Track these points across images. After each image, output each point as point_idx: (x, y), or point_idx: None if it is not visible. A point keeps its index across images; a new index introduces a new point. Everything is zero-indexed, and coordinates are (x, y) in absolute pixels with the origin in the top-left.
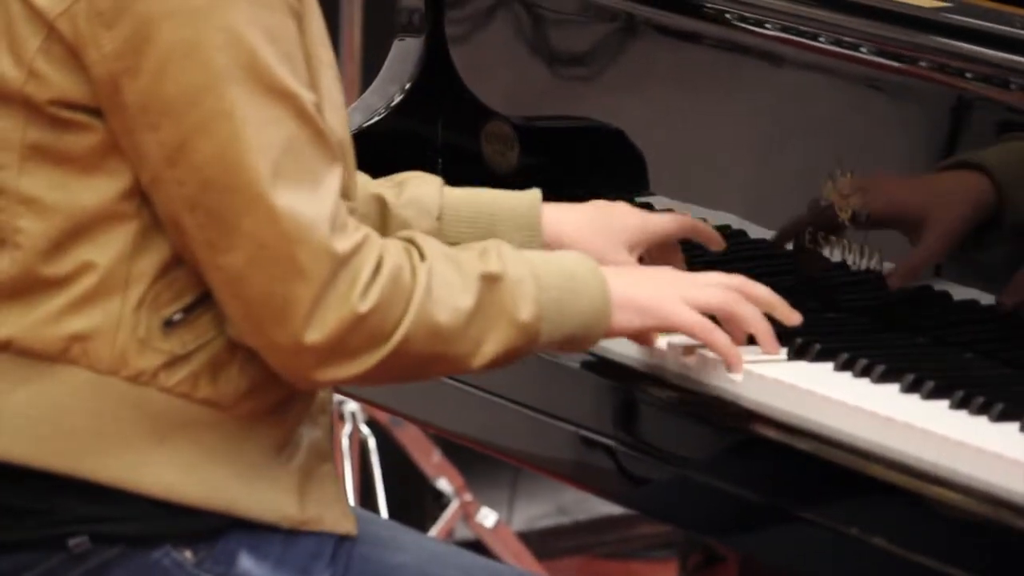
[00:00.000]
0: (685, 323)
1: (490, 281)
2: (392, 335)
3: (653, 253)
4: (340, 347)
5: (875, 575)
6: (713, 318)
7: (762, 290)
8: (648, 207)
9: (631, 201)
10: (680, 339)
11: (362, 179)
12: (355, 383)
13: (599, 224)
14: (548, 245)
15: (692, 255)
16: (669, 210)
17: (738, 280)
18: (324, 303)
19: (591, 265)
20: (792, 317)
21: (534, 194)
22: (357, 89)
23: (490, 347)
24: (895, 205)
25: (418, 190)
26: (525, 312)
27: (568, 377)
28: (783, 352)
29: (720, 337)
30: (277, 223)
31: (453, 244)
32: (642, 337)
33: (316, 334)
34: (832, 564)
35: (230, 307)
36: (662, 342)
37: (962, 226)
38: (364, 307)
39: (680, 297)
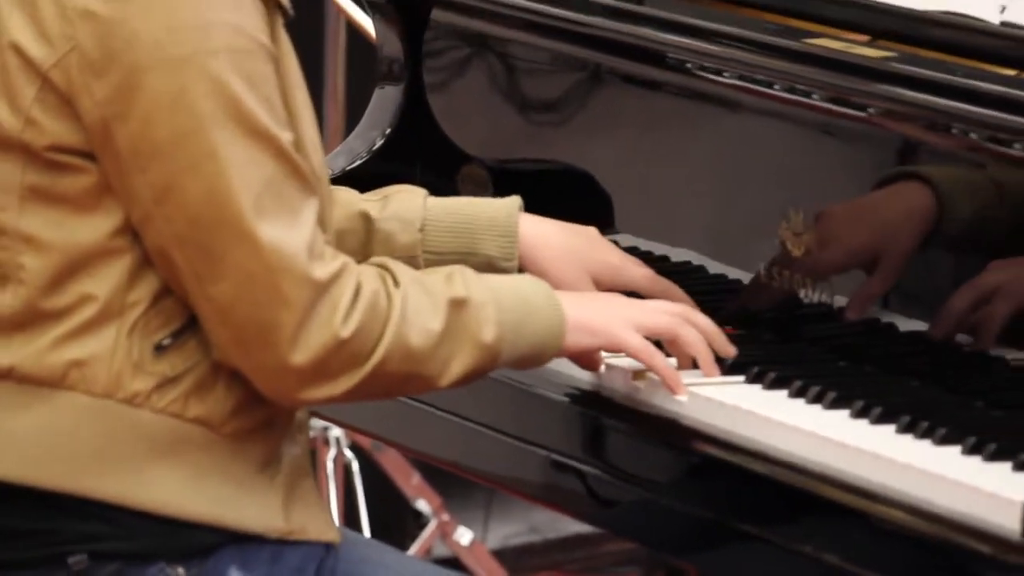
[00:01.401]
0: (631, 346)
1: (457, 305)
2: (370, 357)
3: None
4: (322, 369)
5: None
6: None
7: (703, 319)
8: (613, 245)
9: None
10: (628, 362)
11: (350, 195)
12: (335, 402)
13: (576, 253)
14: (522, 257)
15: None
16: (633, 247)
17: (681, 308)
18: (307, 328)
19: (547, 290)
20: (728, 350)
21: (513, 202)
22: (341, 134)
23: (457, 367)
24: (844, 240)
25: (401, 204)
26: (488, 334)
27: (538, 404)
28: (740, 378)
29: (660, 360)
30: (261, 255)
31: (436, 253)
32: (588, 360)
33: (300, 357)
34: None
35: (218, 333)
36: (622, 361)
37: (909, 244)
38: (346, 332)
39: (628, 322)
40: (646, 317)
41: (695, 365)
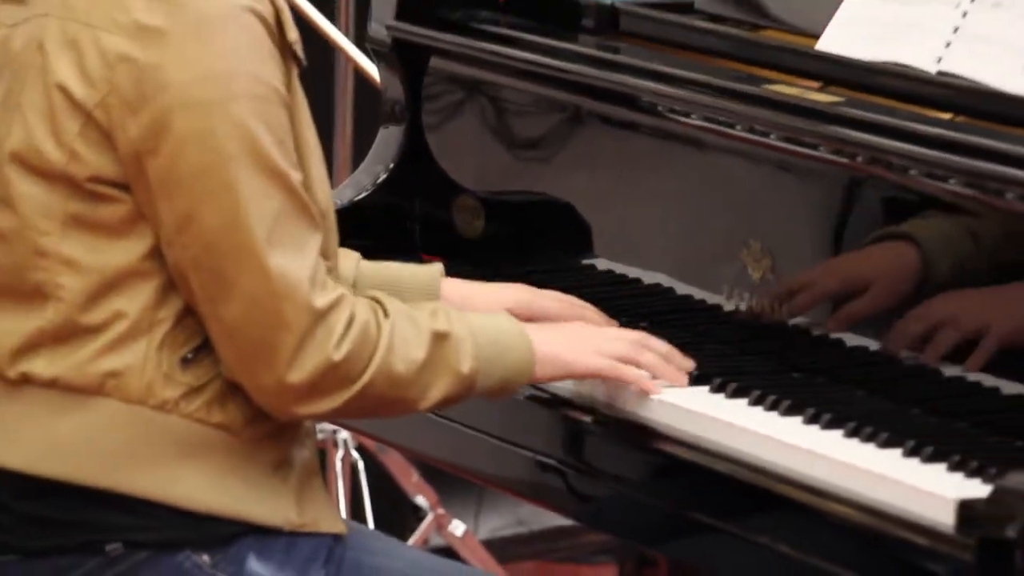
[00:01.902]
0: (599, 370)
1: (439, 338)
2: (359, 380)
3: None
4: (316, 388)
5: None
6: None
7: (657, 343)
8: (592, 268)
9: (576, 263)
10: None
11: None
12: (325, 418)
13: (488, 296)
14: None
15: (631, 306)
16: (609, 271)
17: (639, 334)
18: (304, 350)
19: (519, 329)
20: (686, 365)
21: (436, 267)
22: (348, 169)
23: (435, 393)
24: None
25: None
26: (465, 366)
27: (523, 410)
28: (705, 388)
29: (627, 371)
30: (269, 281)
31: None
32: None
33: (296, 376)
34: (746, 566)
35: (225, 351)
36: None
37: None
38: (338, 356)
39: (593, 350)
40: (608, 345)
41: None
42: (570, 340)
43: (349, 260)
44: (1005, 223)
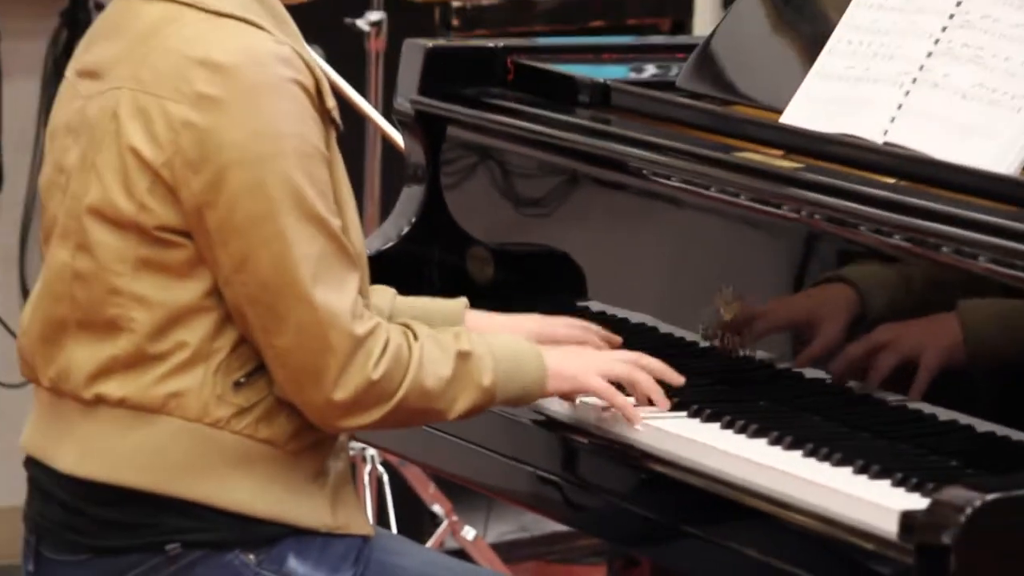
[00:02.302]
0: (598, 390)
1: (463, 357)
2: (394, 395)
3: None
4: (358, 404)
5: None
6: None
7: (652, 361)
8: (587, 309)
9: (573, 305)
10: (595, 400)
11: None
12: (366, 430)
13: (506, 325)
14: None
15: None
16: (602, 311)
17: (635, 355)
18: (347, 372)
19: (534, 349)
20: (677, 380)
21: (461, 301)
22: (376, 222)
23: (461, 405)
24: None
25: (375, 298)
26: (486, 380)
27: (526, 432)
28: (684, 414)
29: (620, 399)
30: (315, 313)
31: None
32: (567, 396)
33: (341, 394)
34: (717, 568)
35: (278, 374)
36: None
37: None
38: (376, 375)
39: (596, 371)
40: (608, 366)
41: (650, 402)
42: (577, 360)
43: (386, 295)
44: (940, 272)
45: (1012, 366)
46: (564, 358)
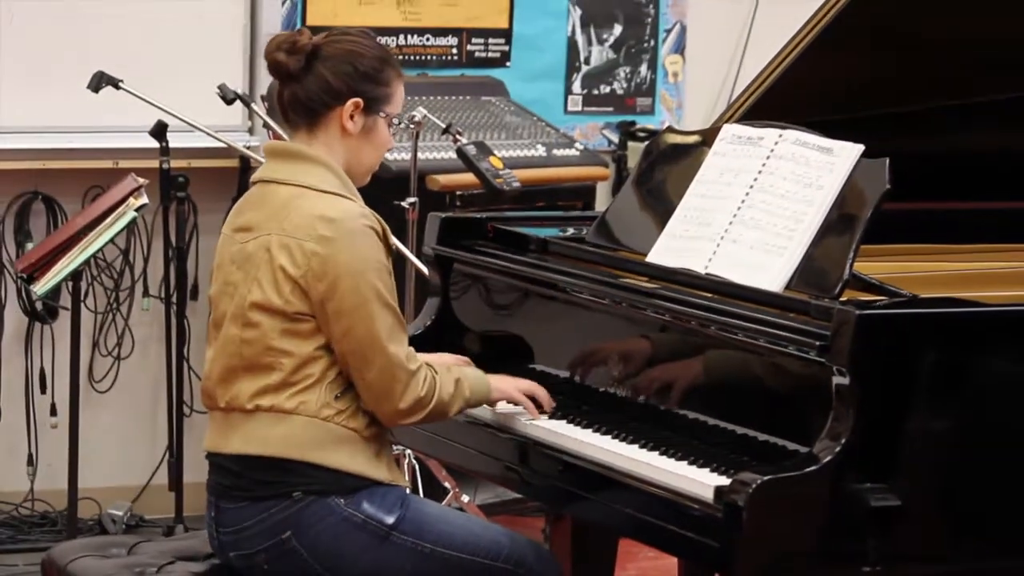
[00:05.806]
0: (515, 397)
1: (457, 382)
2: (429, 404)
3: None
4: (411, 410)
5: (627, 526)
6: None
7: (540, 390)
8: (534, 369)
9: (524, 367)
10: (508, 407)
11: None
12: (411, 425)
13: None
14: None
15: (554, 390)
16: (544, 371)
17: (532, 384)
18: (406, 393)
19: (484, 376)
20: (549, 405)
21: (454, 356)
22: (411, 317)
23: (454, 408)
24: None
25: None
26: (468, 393)
27: (495, 438)
28: (564, 421)
29: (527, 403)
30: (388, 359)
31: None
32: (495, 402)
33: (403, 405)
34: (606, 518)
35: (364, 394)
36: (516, 409)
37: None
38: (421, 394)
39: (512, 387)
40: (519, 384)
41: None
42: (504, 382)
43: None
44: (734, 348)
45: (774, 395)
46: (499, 380)
